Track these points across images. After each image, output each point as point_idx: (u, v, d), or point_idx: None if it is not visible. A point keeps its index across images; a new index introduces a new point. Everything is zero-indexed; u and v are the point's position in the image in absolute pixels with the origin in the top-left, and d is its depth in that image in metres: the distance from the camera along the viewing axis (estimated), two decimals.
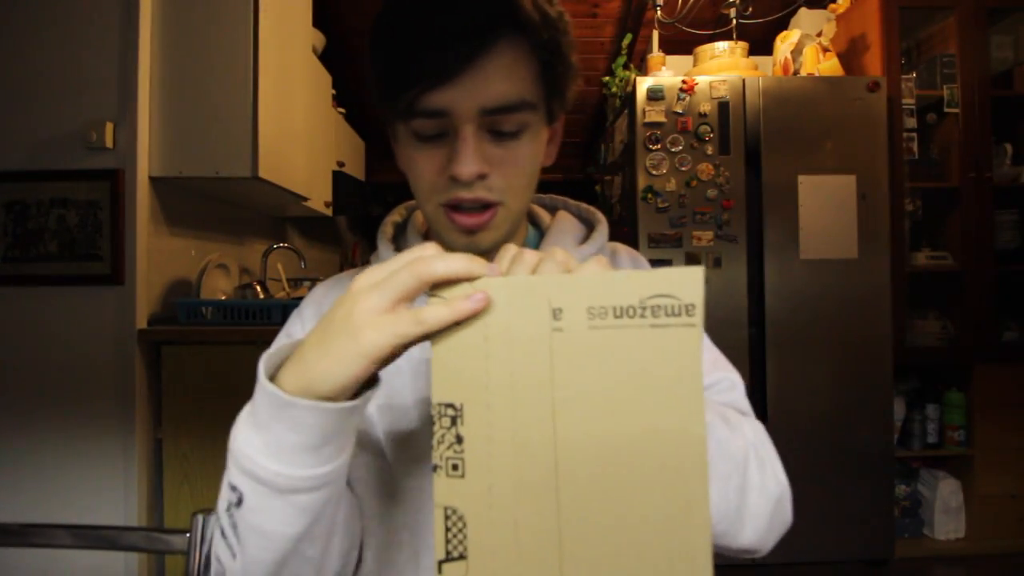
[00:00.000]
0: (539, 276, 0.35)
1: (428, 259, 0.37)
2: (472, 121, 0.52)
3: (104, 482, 1.68)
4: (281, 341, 0.63)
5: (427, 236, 0.68)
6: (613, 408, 0.35)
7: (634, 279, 0.33)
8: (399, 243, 0.69)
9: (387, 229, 0.69)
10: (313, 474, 0.40)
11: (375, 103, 0.59)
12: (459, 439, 0.36)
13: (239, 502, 0.40)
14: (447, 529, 0.36)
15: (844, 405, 2.26)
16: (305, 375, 0.38)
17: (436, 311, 0.36)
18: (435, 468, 0.37)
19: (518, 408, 0.35)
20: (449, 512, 0.36)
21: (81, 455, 1.68)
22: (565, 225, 0.68)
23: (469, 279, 0.37)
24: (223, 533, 0.43)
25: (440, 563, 0.37)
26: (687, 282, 0.33)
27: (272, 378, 0.40)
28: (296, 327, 0.64)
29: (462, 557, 0.36)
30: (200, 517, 0.73)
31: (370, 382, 0.42)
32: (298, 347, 0.41)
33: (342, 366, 0.37)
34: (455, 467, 0.36)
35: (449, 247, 0.61)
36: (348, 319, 0.38)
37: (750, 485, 0.50)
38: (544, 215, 0.71)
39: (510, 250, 0.41)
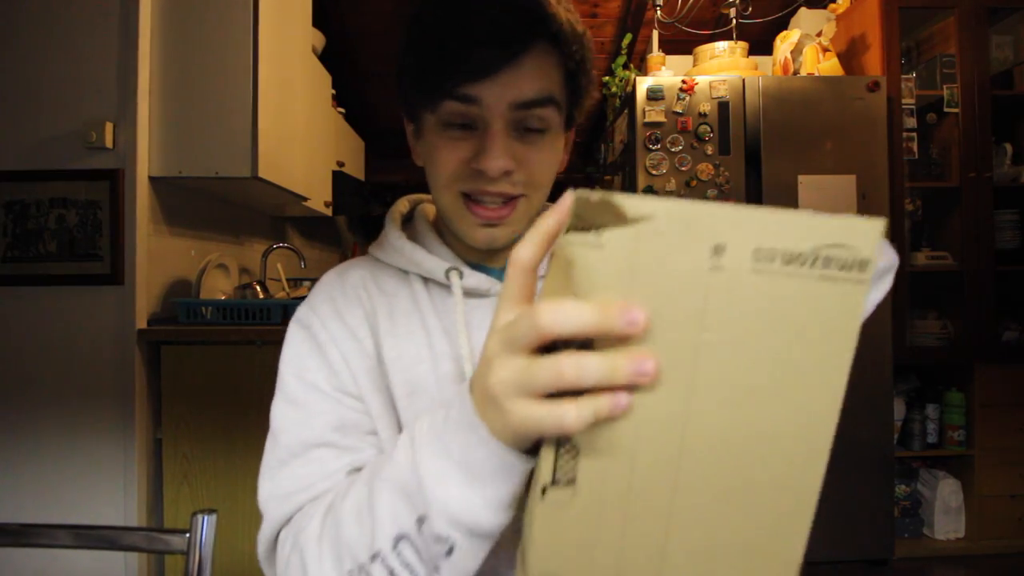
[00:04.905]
0: (705, 205, 0.30)
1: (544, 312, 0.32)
2: (502, 116, 0.55)
3: (104, 482, 1.68)
4: (297, 333, 0.62)
5: (436, 226, 0.69)
6: (759, 360, 0.32)
7: (811, 223, 0.30)
8: (408, 230, 0.69)
9: (396, 216, 0.70)
10: (514, 514, 0.41)
11: (403, 91, 0.61)
12: None
13: (450, 552, 0.40)
14: (557, 456, 0.34)
15: (844, 405, 2.25)
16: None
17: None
18: None
19: (656, 348, 0.31)
20: (563, 440, 0.33)
21: (81, 455, 1.68)
22: None
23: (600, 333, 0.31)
24: (392, 574, 0.42)
25: (545, 488, 0.34)
26: (867, 234, 0.30)
27: None
28: (314, 321, 0.62)
29: (571, 482, 0.34)
30: (200, 517, 0.73)
31: None
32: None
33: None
34: None
35: (464, 239, 0.61)
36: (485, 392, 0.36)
37: None
38: None
39: None
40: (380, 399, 0.59)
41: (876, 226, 0.30)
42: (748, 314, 0.31)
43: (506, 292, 0.36)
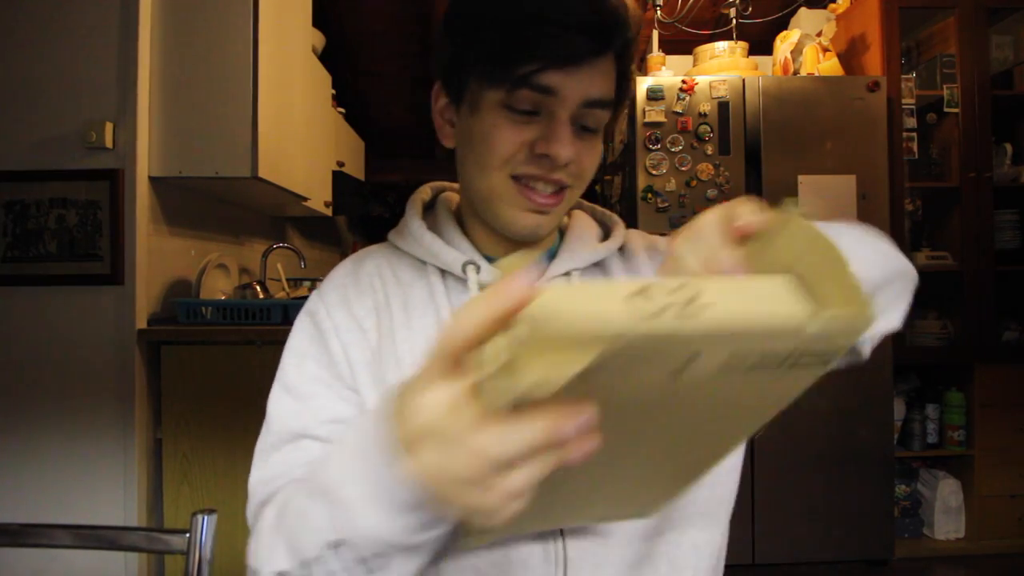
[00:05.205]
0: (693, 325, 0.26)
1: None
2: (572, 109, 0.56)
3: (104, 482, 1.68)
4: (302, 321, 0.62)
5: (457, 216, 0.68)
6: (696, 421, 0.34)
7: (806, 328, 0.28)
8: (429, 219, 0.68)
9: (417, 203, 0.69)
10: (447, 528, 0.40)
11: (460, 66, 0.59)
12: None
13: (388, 563, 0.40)
14: None
15: (844, 405, 2.26)
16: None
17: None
18: None
19: (602, 425, 0.29)
20: None
21: (81, 455, 1.68)
22: (583, 222, 0.70)
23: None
24: None
25: None
26: (854, 334, 0.29)
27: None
28: (320, 309, 0.62)
29: None
30: (200, 517, 0.73)
31: None
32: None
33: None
34: None
35: (507, 224, 0.60)
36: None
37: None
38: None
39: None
40: (377, 394, 0.58)
41: (866, 324, 0.28)
42: (702, 397, 0.31)
43: (436, 358, 0.32)
